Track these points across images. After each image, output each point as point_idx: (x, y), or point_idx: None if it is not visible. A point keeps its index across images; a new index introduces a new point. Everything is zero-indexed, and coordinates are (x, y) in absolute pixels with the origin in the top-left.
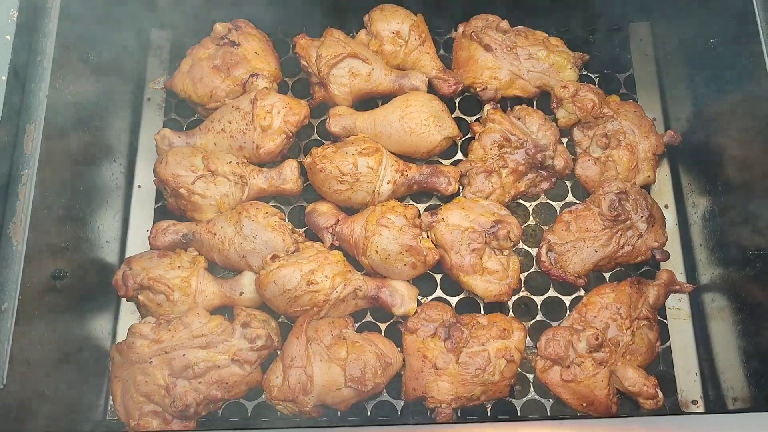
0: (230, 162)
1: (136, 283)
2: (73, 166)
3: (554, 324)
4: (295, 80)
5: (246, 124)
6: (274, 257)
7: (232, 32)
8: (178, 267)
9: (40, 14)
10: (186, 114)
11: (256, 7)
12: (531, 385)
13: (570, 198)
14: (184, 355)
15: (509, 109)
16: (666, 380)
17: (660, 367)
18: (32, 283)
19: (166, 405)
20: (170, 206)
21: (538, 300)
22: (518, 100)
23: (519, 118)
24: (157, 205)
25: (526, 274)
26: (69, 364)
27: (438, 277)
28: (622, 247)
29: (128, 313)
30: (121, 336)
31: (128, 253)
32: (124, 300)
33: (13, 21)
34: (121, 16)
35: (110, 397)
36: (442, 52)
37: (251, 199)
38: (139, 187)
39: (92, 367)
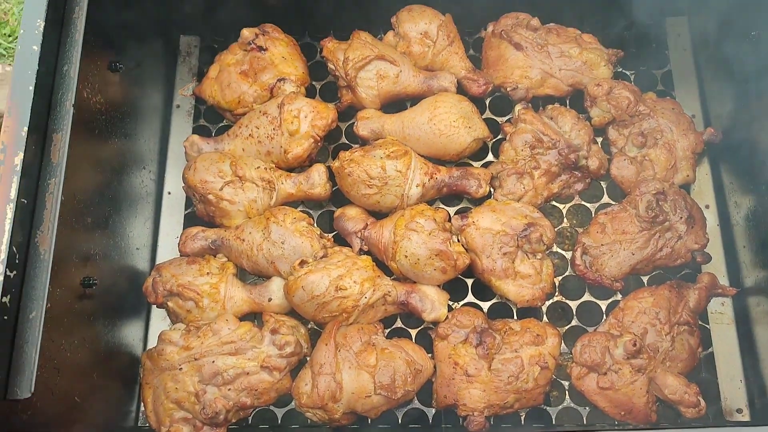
0: (258, 167)
1: (165, 289)
2: (103, 174)
3: (590, 329)
4: (323, 84)
5: (274, 129)
6: (303, 263)
7: (259, 37)
8: (207, 273)
9: (66, 24)
10: (215, 120)
11: (284, 11)
12: (566, 392)
13: (605, 199)
14: (213, 361)
15: (541, 108)
16: (709, 388)
17: (702, 373)
18: (61, 290)
19: (197, 412)
20: (199, 212)
21: (573, 305)
22: (550, 100)
23: (551, 118)
24: (186, 212)
25: (560, 278)
26: (100, 372)
27: (469, 281)
28: (661, 250)
29: (159, 320)
30: (152, 342)
31: (159, 260)
32: (154, 306)
33: (39, 31)
34: (149, 24)
35: (142, 404)
36: (471, 51)
37: (279, 205)
38: (169, 193)
39: (124, 373)
